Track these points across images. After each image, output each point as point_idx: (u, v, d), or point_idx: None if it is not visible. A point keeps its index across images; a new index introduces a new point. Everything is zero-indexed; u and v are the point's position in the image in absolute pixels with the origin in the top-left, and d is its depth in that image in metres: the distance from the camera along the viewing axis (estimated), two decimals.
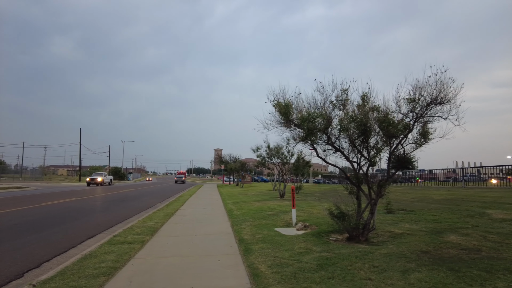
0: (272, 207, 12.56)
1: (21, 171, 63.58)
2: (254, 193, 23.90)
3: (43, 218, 10.35)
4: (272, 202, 14.93)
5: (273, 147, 18.58)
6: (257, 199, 17.30)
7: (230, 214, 10.96)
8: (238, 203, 14.89)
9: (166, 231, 7.99)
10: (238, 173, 42.32)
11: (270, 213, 10.71)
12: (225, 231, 7.92)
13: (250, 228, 7.98)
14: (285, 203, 14.09)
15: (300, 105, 6.06)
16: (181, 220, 9.91)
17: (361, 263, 4.68)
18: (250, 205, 13.62)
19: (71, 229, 8.55)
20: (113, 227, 8.94)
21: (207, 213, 11.57)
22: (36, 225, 9.06)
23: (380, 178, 6.62)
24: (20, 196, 20.02)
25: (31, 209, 12.76)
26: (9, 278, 4.68)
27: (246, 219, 9.41)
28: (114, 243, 6.49)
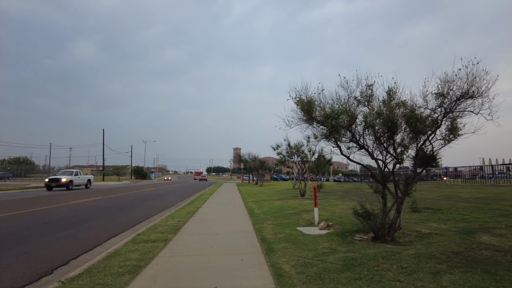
0: (293, 206, 12.45)
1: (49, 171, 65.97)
2: (274, 191, 23.81)
3: (70, 217, 10.65)
4: (293, 200, 14.80)
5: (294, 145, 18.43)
6: (277, 197, 17.21)
7: (251, 213, 10.93)
8: (259, 202, 14.85)
9: (188, 229, 8.04)
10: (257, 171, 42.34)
11: (291, 212, 10.61)
12: (246, 229, 7.89)
13: (272, 227, 7.91)
14: (306, 201, 13.93)
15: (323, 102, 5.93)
16: (203, 218, 9.97)
17: (388, 264, 4.53)
18: (271, 204, 13.55)
19: (96, 227, 8.74)
20: (137, 226, 9.08)
21: (228, 212, 11.59)
22: (63, 223, 9.32)
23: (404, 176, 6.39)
24: (48, 195, 20.74)
25: (59, 208, 13.17)
26: (40, 275, 4.81)
27: (267, 218, 9.35)
28: (138, 241, 6.57)
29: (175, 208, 13.17)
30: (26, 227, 8.55)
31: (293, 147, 18.44)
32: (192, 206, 13.85)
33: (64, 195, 20.59)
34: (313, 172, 19.92)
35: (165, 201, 17.09)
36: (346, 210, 9.11)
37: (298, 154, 18.34)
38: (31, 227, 8.55)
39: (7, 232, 7.86)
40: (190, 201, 16.56)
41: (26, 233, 7.74)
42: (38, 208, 12.88)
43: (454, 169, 27.06)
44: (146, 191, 26.28)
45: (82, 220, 9.99)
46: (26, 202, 15.59)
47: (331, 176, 64.75)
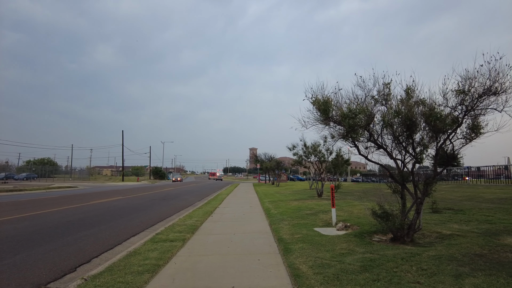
0: (310, 206, 12.38)
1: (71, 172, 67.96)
2: (291, 192, 23.73)
3: (92, 216, 10.94)
4: (310, 201, 14.72)
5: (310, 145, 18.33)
6: (294, 198, 17.15)
7: (267, 213, 10.94)
8: (275, 202, 14.85)
9: (206, 229, 8.13)
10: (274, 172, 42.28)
11: (308, 212, 10.55)
12: (263, 230, 7.91)
13: (289, 227, 7.90)
14: (323, 202, 13.83)
15: (340, 101, 5.87)
16: (220, 218, 10.05)
17: (408, 265, 4.45)
18: (287, 204, 13.52)
19: (116, 226, 8.96)
20: (155, 225, 9.25)
21: (245, 212, 11.64)
22: (85, 222, 9.60)
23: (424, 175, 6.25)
24: (70, 195, 21.38)
25: (81, 207, 13.56)
26: (63, 272, 4.98)
27: (284, 218, 9.34)
28: (157, 240, 6.69)
29: (193, 208, 13.33)
30: (51, 226, 8.84)
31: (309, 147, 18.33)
32: (209, 206, 13.99)
33: (86, 195, 21.18)
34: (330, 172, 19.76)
35: (183, 201, 17.32)
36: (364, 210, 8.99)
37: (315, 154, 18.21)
38: (55, 226, 8.84)
39: (34, 230, 8.16)
40: (207, 201, 16.72)
41: (51, 232, 8.01)
42: (61, 208, 13.30)
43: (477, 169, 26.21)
44: (164, 191, 26.71)
45: (103, 219, 10.26)
46: (50, 202, 16.12)
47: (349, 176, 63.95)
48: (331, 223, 8.17)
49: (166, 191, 27.64)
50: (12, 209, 12.73)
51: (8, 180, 48.82)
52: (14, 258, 5.66)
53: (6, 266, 5.23)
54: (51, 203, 15.63)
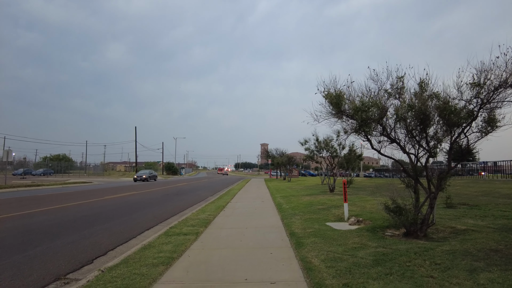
0: (322, 201, 12.37)
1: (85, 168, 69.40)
2: (302, 187, 23.71)
3: (107, 211, 11.19)
4: (322, 196, 14.70)
5: (322, 139, 18.23)
6: (306, 193, 17.15)
7: (279, 208, 10.99)
8: (287, 197, 14.88)
9: (218, 223, 8.23)
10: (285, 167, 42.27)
11: (320, 207, 10.55)
12: (275, 224, 7.96)
13: (301, 222, 7.93)
14: (335, 197, 13.79)
15: (352, 95, 5.83)
16: (232, 213, 10.15)
17: (421, 260, 4.43)
18: (299, 199, 13.54)
19: (130, 220, 9.15)
20: (169, 219, 9.41)
21: (257, 207, 11.71)
22: (100, 216, 9.83)
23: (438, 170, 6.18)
24: (86, 190, 21.86)
25: (96, 202, 13.87)
26: (81, 264, 5.13)
27: (296, 213, 9.37)
28: (171, 234, 6.82)
29: (205, 203, 13.49)
30: (68, 220, 9.09)
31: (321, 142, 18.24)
32: (221, 200, 14.12)
33: (100, 191, 21.63)
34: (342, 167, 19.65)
35: (195, 196, 17.53)
36: (377, 205, 8.94)
37: (327, 149, 18.12)
38: (72, 220, 9.09)
39: (53, 224, 8.40)
40: (219, 196, 16.87)
41: (69, 226, 8.24)
42: (77, 203, 13.63)
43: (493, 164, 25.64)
44: (177, 187, 27.03)
45: (117, 214, 10.48)
46: (66, 197, 16.53)
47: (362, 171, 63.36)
48: (343, 218, 8.16)
49: (179, 186, 27.97)
50: (32, 204, 13.12)
51: (26, 175, 50.20)
52: (35, 250, 5.86)
53: (28, 257, 5.42)
54: (67, 198, 16.02)
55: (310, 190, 19.31)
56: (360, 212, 8.85)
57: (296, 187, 23.95)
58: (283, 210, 10.27)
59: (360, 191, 17.32)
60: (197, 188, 25.76)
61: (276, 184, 29.69)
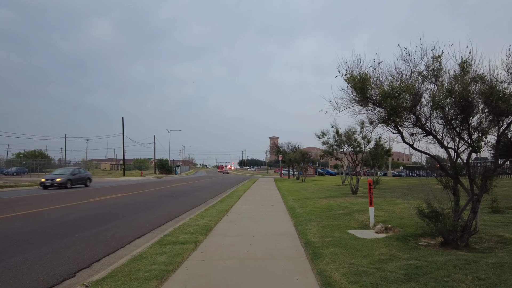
0: (343, 205, 12.37)
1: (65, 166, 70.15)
2: (319, 188, 23.70)
3: (91, 216, 11.34)
4: (343, 199, 14.69)
5: (343, 132, 18.16)
6: (324, 195, 17.15)
7: (292, 213, 11.02)
8: (301, 200, 14.90)
9: (221, 230, 8.29)
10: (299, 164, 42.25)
11: (341, 212, 10.56)
12: (287, 231, 7.99)
13: (318, 229, 7.95)
14: (358, 200, 13.77)
15: (380, 78, 5.79)
16: (237, 218, 10.21)
17: (461, 274, 4.41)
18: (316, 203, 13.55)
19: (119, 227, 9.26)
20: (163, 226, 9.51)
21: (266, 211, 11.76)
22: (84, 222, 9.96)
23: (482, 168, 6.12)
24: (66, 192, 22.15)
25: (79, 206, 14.06)
26: (62, 277, 5.23)
27: (312, 219, 9.39)
28: (165, 243, 6.89)
29: (205, 206, 13.58)
30: (47, 226, 9.24)
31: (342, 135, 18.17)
32: (224, 204, 14.20)
33: (83, 192, 21.88)
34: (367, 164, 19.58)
35: (193, 198, 17.65)
36: (409, 210, 8.90)
37: (349, 143, 18.05)
38: (52, 226, 9.23)
39: (30, 231, 8.55)
40: (222, 199, 16.96)
41: (47, 233, 8.38)
42: (57, 206, 13.83)
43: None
44: (172, 187, 27.23)
45: (103, 219, 10.61)
46: (43, 200, 16.78)
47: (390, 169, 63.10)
48: (368, 225, 8.16)
49: (174, 187, 28.17)
50: (4, 208, 13.34)
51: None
52: (9, 261, 5.98)
53: (1, 270, 5.53)
54: (44, 201, 16.26)
55: (328, 192, 19.29)
56: (389, 218, 8.83)
57: (312, 188, 23.96)
58: (297, 215, 10.30)
59: (389, 193, 17.23)
60: (195, 189, 25.91)
61: (288, 185, 29.72)
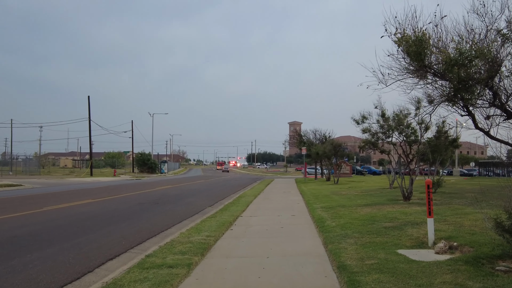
0: (391, 215, 12.31)
1: (11, 162, 70.64)
2: (359, 192, 23.61)
3: (48, 229, 11.49)
4: (391, 207, 14.61)
5: (392, 115, 17.98)
6: (364, 202, 17.09)
7: (320, 226, 11.01)
8: (333, 209, 14.87)
9: (223, 249, 8.32)
10: (329, 160, 42.10)
11: (387, 225, 10.52)
12: (314, 251, 8.00)
13: (356, 248, 7.93)
14: (412, 209, 13.69)
15: (443, 39, 5.70)
16: (245, 232, 10.25)
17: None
18: (353, 212, 13.51)
19: (85, 245, 9.36)
20: (145, 243, 9.58)
21: (284, 223, 11.78)
22: (39, 238, 10.10)
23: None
24: (13, 198, 22.48)
25: (31, 216, 14.26)
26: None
27: (348, 234, 9.37)
28: (148, 266, 6.94)
29: (202, 217, 13.65)
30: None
31: (390, 119, 18.00)
32: (227, 213, 14.24)
33: (37, 198, 22.17)
34: (425, 159, 19.39)
35: (186, 206, 17.77)
36: (483, 222, 8.82)
37: (399, 130, 17.89)
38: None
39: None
40: (224, 206, 17.05)
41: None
42: (1, 217, 14.01)
43: None
44: (157, 191, 27.42)
45: (65, 233, 10.74)
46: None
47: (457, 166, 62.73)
48: (425, 242, 8.11)
49: (159, 190, 28.36)
50: None
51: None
52: None
53: None
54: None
55: (370, 197, 19.22)
56: (455, 233, 8.76)
57: (347, 192, 23.90)
58: (327, 230, 10.28)
59: (455, 199, 17.09)
60: (188, 193, 26.05)
61: (315, 188, 29.69)
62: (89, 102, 63.51)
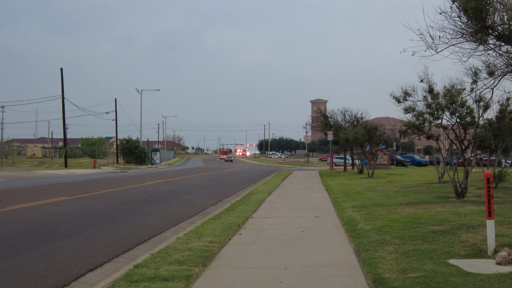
0: (441, 216, 12.24)
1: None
2: (399, 187, 23.51)
3: (12, 234, 11.57)
4: (440, 206, 14.53)
5: (442, 90, 17.82)
6: (407, 200, 17.04)
7: (351, 229, 10.98)
8: (367, 208, 14.83)
9: (229, 258, 8.34)
10: (362, 148, 41.95)
11: (436, 228, 10.46)
12: (343, 261, 8.00)
13: (396, 257, 7.89)
14: (467, 208, 13.61)
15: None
16: (256, 238, 10.28)
17: None
18: (393, 213, 13.46)
19: (60, 253, 9.39)
20: (133, 250, 9.63)
21: (306, 226, 11.79)
22: (4, 243, 10.16)
23: None
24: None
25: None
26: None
27: (386, 240, 9.34)
28: (137, 279, 6.97)
29: (203, 218, 13.69)
30: None
31: (440, 95, 17.85)
32: (234, 214, 14.25)
33: (2, 194, 22.32)
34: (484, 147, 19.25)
35: (183, 205, 17.87)
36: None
37: (451, 110, 17.74)
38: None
39: None
40: (231, 205, 17.12)
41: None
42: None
43: None
44: (147, 187, 27.53)
45: (34, 239, 10.82)
46: None
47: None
48: (484, 250, 8.06)
49: (150, 186, 28.47)
50: None
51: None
52: None
53: None
54: None
55: (414, 194, 19.17)
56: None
57: (385, 188, 23.85)
58: (360, 234, 10.25)
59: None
60: (185, 189, 26.12)
61: (345, 183, 29.65)
62: (62, 77, 63.59)
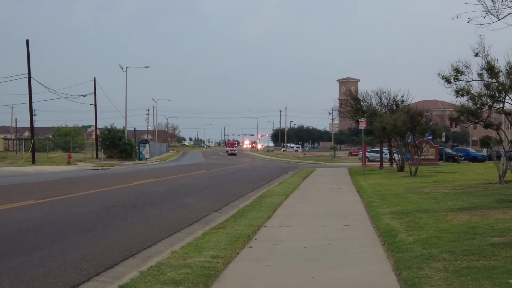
0: (502, 225, 12.20)
1: None
2: (449, 188, 23.43)
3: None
4: (502, 212, 14.48)
5: (505, 66, 17.72)
6: (459, 204, 17.01)
7: (389, 241, 10.97)
8: (409, 215, 14.81)
9: (237, 277, 8.37)
10: (403, 139, 41.79)
11: (497, 240, 10.44)
12: (379, 281, 8.01)
13: (446, 276, 7.88)
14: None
15: None
16: (271, 252, 10.30)
17: None
18: (442, 220, 13.44)
19: (27, 269, 9.44)
20: (117, 266, 9.66)
21: (333, 237, 11.83)
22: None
23: None
24: None
25: None
26: None
27: (434, 255, 9.33)
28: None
29: (204, 227, 13.72)
30: None
31: (502, 72, 17.74)
32: (243, 222, 14.25)
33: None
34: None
35: (179, 210, 17.96)
36: None
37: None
38: None
39: None
40: (238, 211, 17.18)
41: None
42: None
43: None
44: (134, 188, 27.61)
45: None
46: None
47: None
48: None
49: (138, 186, 28.54)
50: None
51: None
52: None
53: None
54: None
55: (469, 198, 19.13)
56: None
57: (432, 189, 23.76)
58: (401, 247, 10.24)
59: None
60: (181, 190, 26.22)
61: (381, 182, 29.60)
62: (28, 50, 63.67)
